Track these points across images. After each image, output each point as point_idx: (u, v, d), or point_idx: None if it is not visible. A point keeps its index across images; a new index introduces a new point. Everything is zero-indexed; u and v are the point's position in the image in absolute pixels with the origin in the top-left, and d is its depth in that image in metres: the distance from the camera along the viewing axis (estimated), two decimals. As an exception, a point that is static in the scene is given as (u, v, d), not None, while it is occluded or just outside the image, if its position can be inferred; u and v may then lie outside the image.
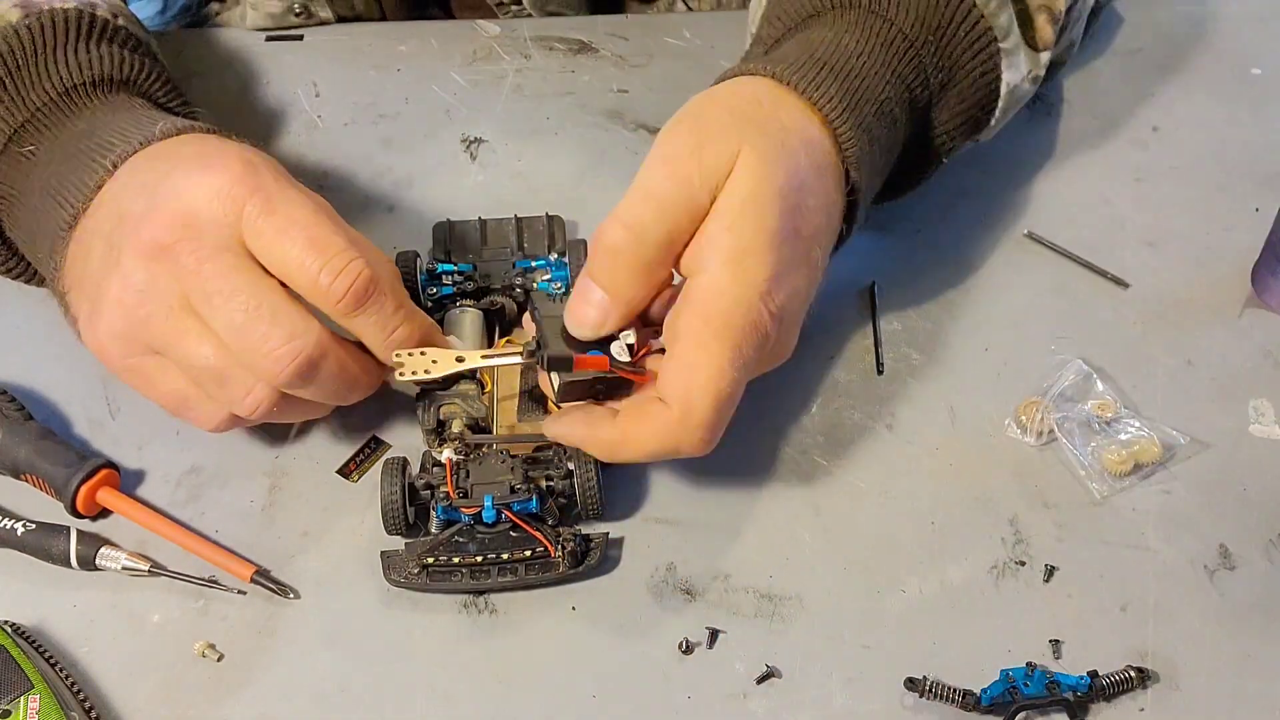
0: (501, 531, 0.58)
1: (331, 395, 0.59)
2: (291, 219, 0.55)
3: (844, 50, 0.61)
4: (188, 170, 0.56)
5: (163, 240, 0.54)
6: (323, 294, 0.55)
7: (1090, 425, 0.64)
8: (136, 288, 0.55)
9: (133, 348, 0.57)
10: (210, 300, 0.54)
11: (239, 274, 0.54)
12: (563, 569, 0.58)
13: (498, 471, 0.60)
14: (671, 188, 0.55)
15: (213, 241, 0.54)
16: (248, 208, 0.54)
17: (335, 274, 0.55)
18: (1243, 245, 0.72)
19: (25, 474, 0.61)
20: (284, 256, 0.55)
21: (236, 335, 0.54)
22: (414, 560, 0.58)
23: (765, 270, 0.54)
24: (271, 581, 0.58)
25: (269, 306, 0.54)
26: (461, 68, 0.82)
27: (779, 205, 0.55)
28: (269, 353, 0.54)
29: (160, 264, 0.55)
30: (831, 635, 0.58)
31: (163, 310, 0.55)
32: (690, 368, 0.54)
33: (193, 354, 0.55)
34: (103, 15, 0.66)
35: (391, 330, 0.57)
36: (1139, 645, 0.57)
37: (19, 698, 0.53)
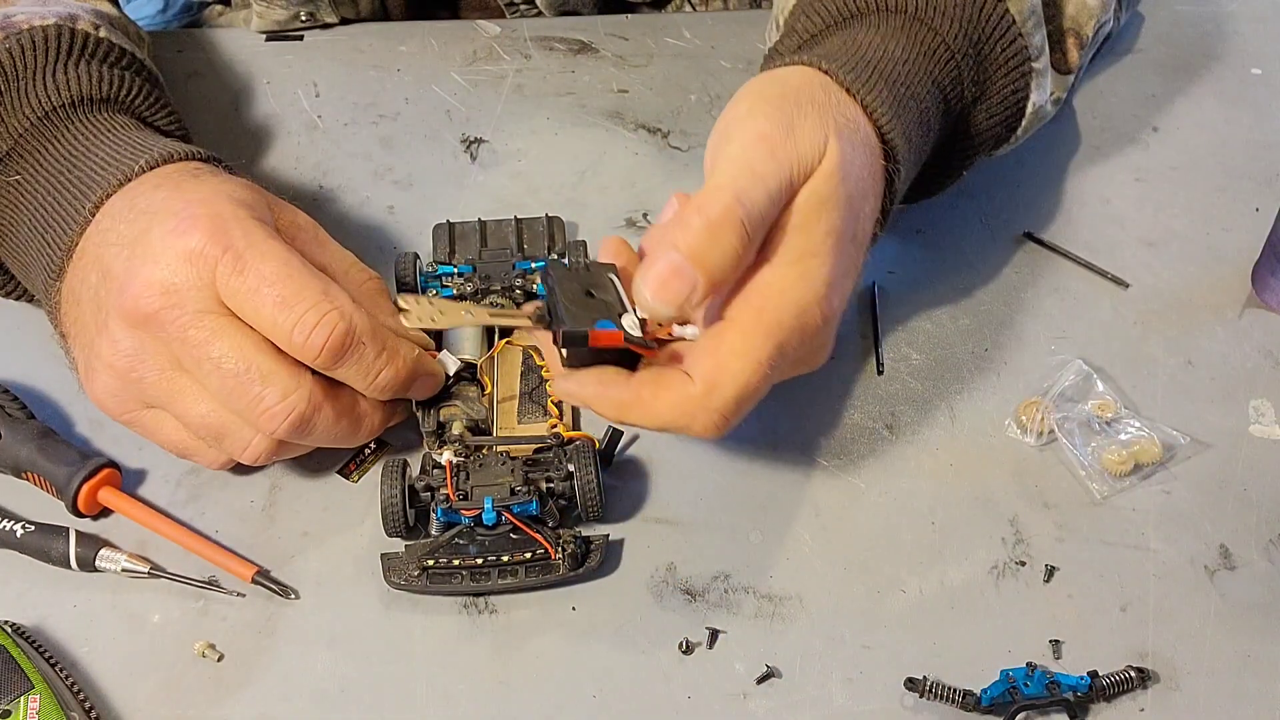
0: (502, 533, 0.58)
1: (333, 441, 0.59)
2: (262, 277, 0.55)
3: (891, 56, 0.60)
4: (161, 231, 0.55)
5: (145, 310, 0.55)
6: (299, 351, 0.55)
7: (1090, 425, 0.64)
8: (126, 352, 0.56)
9: (129, 404, 0.58)
10: (200, 365, 0.55)
11: (223, 338, 0.55)
12: (563, 571, 0.58)
13: (498, 473, 0.59)
14: (774, 168, 0.53)
15: (193, 306, 0.55)
16: (219, 269, 0.54)
17: (309, 331, 0.55)
18: (1243, 245, 0.72)
19: (26, 472, 0.61)
20: (258, 317, 0.55)
21: (229, 398, 0.55)
22: (414, 562, 0.58)
23: (825, 273, 0.54)
24: (272, 582, 0.58)
25: (257, 367, 0.55)
26: (461, 68, 0.82)
27: (847, 210, 0.55)
28: (263, 412, 0.55)
29: (146, 331, 0.55)
30: (831, 635, 0.58)
31: (154, 373, 0.56)
32: (730, 352, 0.53)
33: (189, 412, 0.57)
34: (83, 29, 0.64)
35: (374, 377, 0.57)
36: (1139, 645, 0.57)
37: (19, 698, 0.53)
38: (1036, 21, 0.65)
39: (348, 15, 0.84)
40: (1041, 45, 0.65)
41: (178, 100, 0.78)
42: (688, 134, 0.79)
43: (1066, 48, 0.68)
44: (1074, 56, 0.68)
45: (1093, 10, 0.69)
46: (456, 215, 0.71)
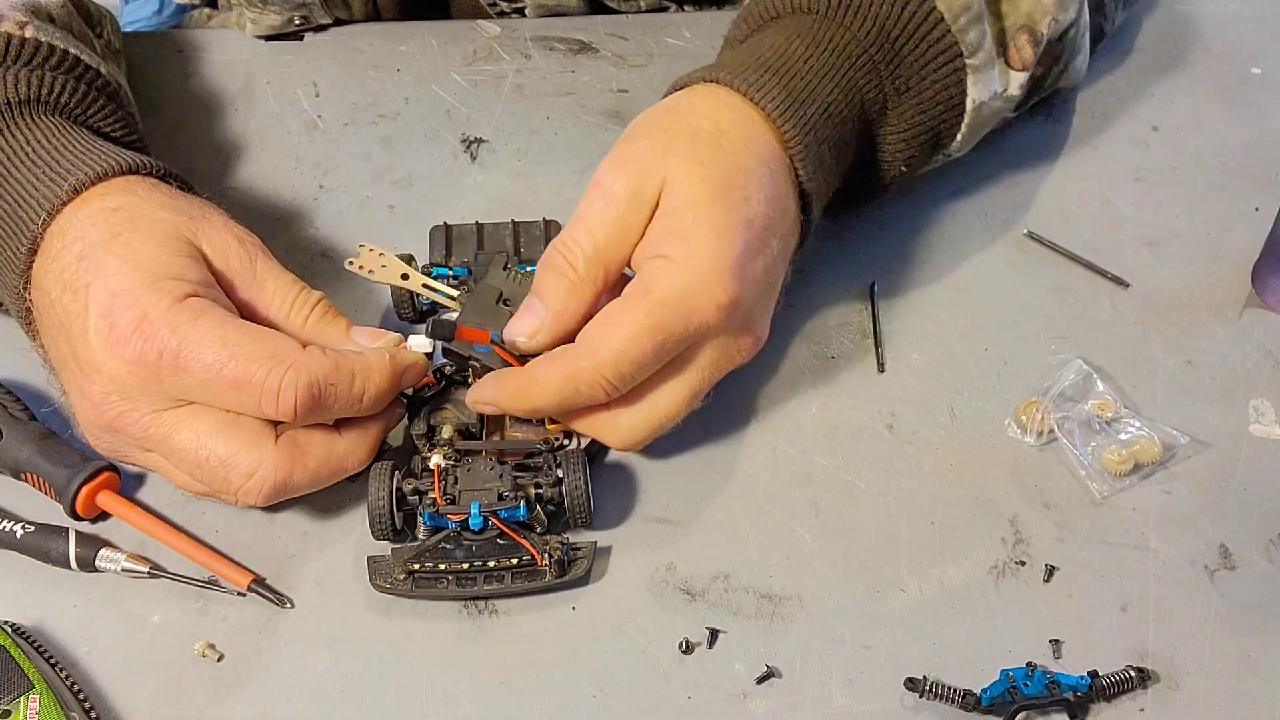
0: (489, 539, 0.58)
1: (324, 484, 0.60)
2: (205, 367, 0.55)
3: (790, 55, 0.63)
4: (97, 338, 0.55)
5: (106, 418, 0.56)
6: (275, 418, 0.56)
7: (1090, 425, 0.64)
8: (100, 432, 0.58)
9: (119, 453, 0.60)
10: (169, 457, 0.57)
11: (182, 430, 0.56)
12: (549, 578, 0.58)
13: (486, 478, 0.59)
14: (600, 208, 0.58)
15: (148, 408, 0.56)
16: (161, 374, 0.55)
17: (274, 399, 0.55)
18: (1243, 245, 0.72)
19: (26, 474, 0.61)
20: (219, 401, 0.56)
21: (203, 481, 0.57)
22: (400, 566, 0.57)
23: (712, 258, 0.56)
24: (268, 590, 0.58)
25: (217, 455, 0.56)
26: (461, 68, 0.82)
27: (721, 200, 0.57)
28: (235, 491, 0.56)
29: (111, 432, 0.57)
30: (831, 635, 0.58)
31: (135, 452, 0.59)
32: (611, 321, 0.57)
33: (175, 479, 0.59)
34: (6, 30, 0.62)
35: (359, 403, 0.58)
36: (1139, 645, 0.57)
37: (19, 698, 0.53)
38: (971, 19, 0.65)
39: (341, 16, 0.84)
40: (978, 42, 0.65)
41: (177, 101, 0.79)
42: (688, 134, 0.78)
43: (1019, 45, 0.68)
44: (1027, 53, 0.68)
45: (1047, 8, 0.68)
46: (457, 215, 0.71)
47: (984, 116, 0.68)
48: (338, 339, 0.60)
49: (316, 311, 0.61)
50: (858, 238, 0.73)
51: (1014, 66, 0.68)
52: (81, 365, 0.56)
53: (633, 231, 0.58)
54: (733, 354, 0.60)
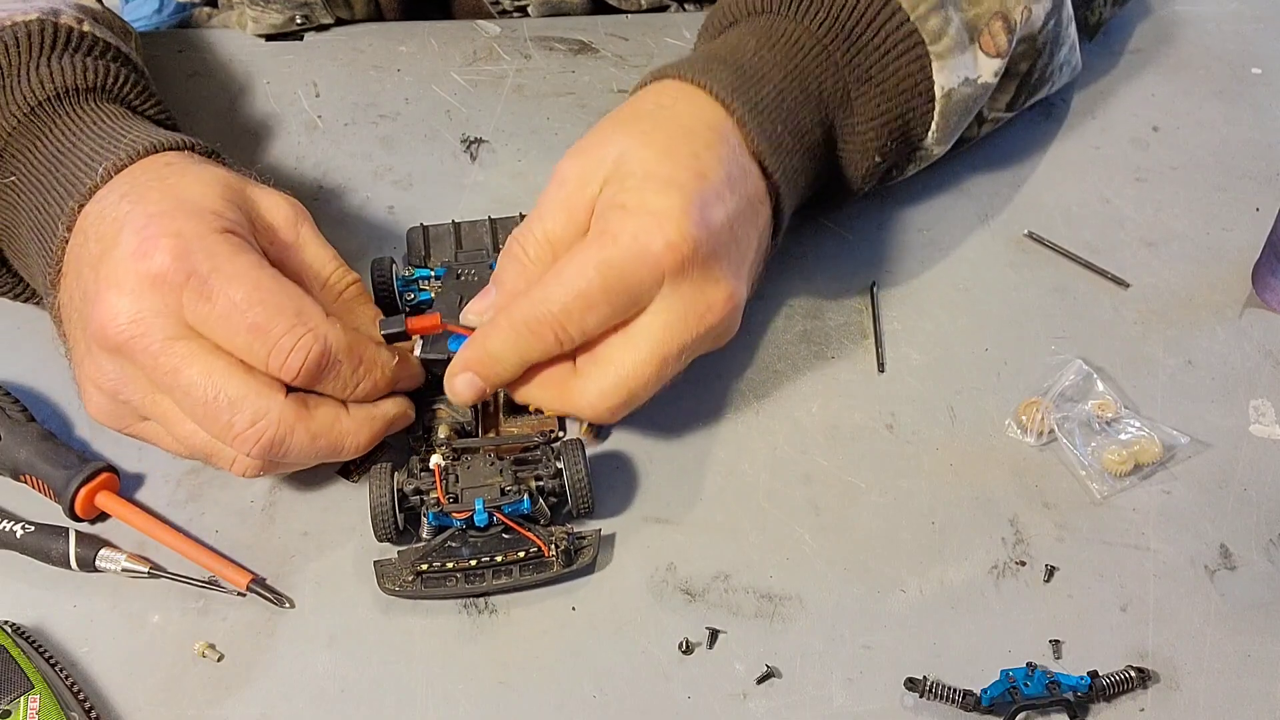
0: (494, 534, 0.58)
1: (315, 460, 0.59)
2: (231, 303, 0.54)
3: (741, 48, 0.64)
4: (123, 253, 0.55)
5: (114, 339, 0.55)
6: (275, 374, 0.55)
7: (1090, 425, 0.64)
8: (109, 375, 0.56)
9: (125, 419, 0.59)
10: (173, 391, 0.55)
11: (192, 364, 0.55)
12: (557, 568, 0.58)
13: (487, 474, 0.59)
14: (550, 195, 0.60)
15: (161, 334, 0.55)
16: (184, 296, 0.54)
17: (284, 356, 0.55)
18: (1243, 245, 0.72)
19: (25, 475, 0.61)
20: (230, 344, 0.55)
21: (203, 422, 0.56)
22: (408, 568, 0.58)
23: (664, 201, 0.57)
24: (267, 590, 0.58)
25: (226, 394, 0.55)
26: (461, 68, 0.82)
27: (669, 157, 0.58)
28: (235, 436, 0.55)
29: (122, 358, 0.55)
30: (831, 635, 0.58)
31: (139, 395, 0.57)
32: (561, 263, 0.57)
33: (176, 431, 0.57)
34: (66, 23, 0.64)
35: (353, 389, 0.58)
36: (1139, 645, 0.57)
37: (19, 698, 0.53)
38: (931, 6, 0.65)
39: (343, 16, 0.84)
40: (940, 29, 0.65)
41: (177, 101, 0.79)
42: (688, 134, 0.78)
43: (993, 31, 0.68)
44: (1001, 40, 0.68)
45: None
46: (456, 215, 0.71)
47: (956, 104, 0.68)
48: (362, 324, 0.60)
49: (350, 290, 0.61)
50: (858, 238, 0.73)
51: (987, 53, 0.68)
52: (101, 285, 0.55)
53: (581, 212, 0.59)
54: (702, 310, 0.58)
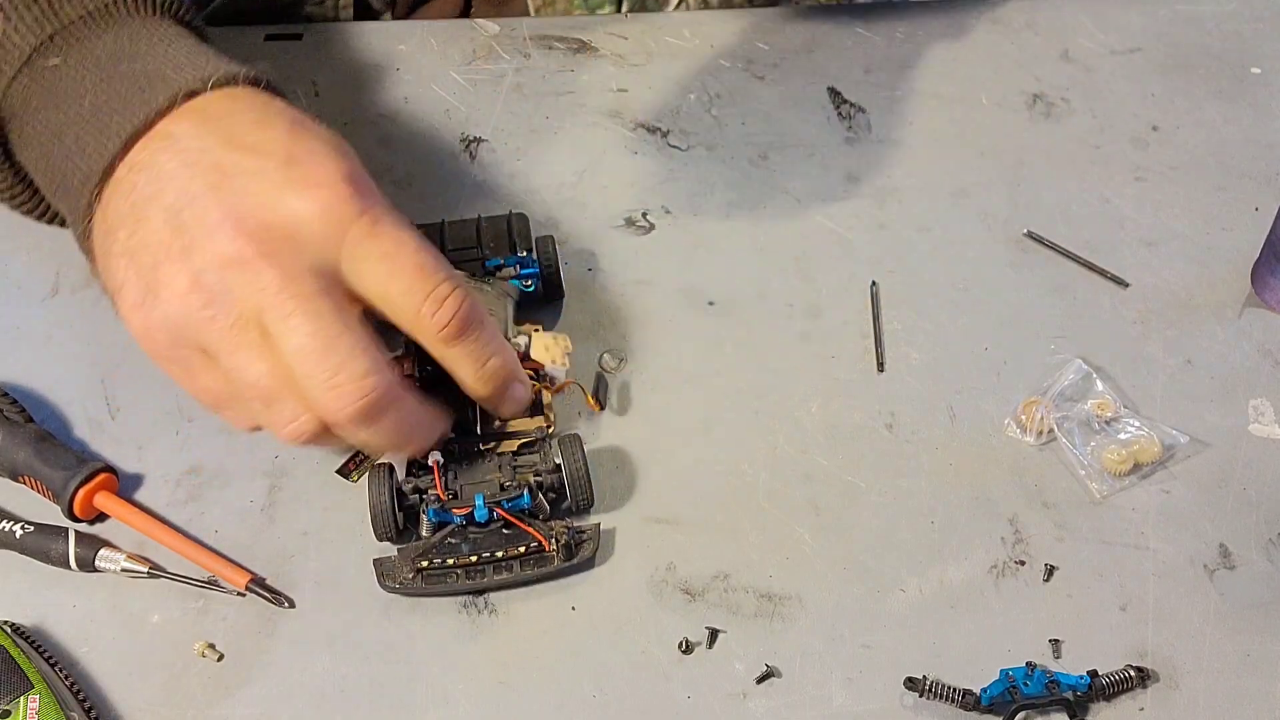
0: (494, 530, 0.58)
1: (386, 444, 0.56)
2: (398, 242, 0.52)
3: None
4: (287, 175, 0.52)
5: (248, 251, 0.51)
6: (425, 322, 0.53)
7: (1090, 425, 0.64)
8: (207, 288, 0.52)
9: (185, 341, 0.54)
10: (288, 320, 0.51)
11: (324, 299, 0.52)
12: (558, 563, 0.58)
13: (485, 470, 0.60)
14: None
15: (307, 261, 0.52)
16: (354, 229, 0.52)
17: (440, 302, 0.53)
18: (1243, 245, 0.72)
19: (24, 476, 0.61)
20: (387, 281, 0.52)
21: (306, 361, 0.51)
22: (408, 565, 0.58)
23: None
24: (267, 590, 0.58)
25: (348, 339, 0.52)
26: (461, 67, 0.82)
27: None
28: (336, 386, 0.51)
29: (240, 272, 0.51)
30: (831, 635, 0.58)
31: (229, 316, 0.52)
32: None
33: (246, 368, 0.52)
34: None
35: (486, 360, 0.56)
36: (1139, 645, 0.57)
37: (19, 698, 0.53)
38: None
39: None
40: None
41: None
42: (687, 133, 0.79)
43: None
44: None
45: None
46: (456, 215, 0.71)
47: None
48: None
49: None
50: (858, 238, 0.73)
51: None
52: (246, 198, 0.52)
53: None
54: None
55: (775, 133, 0.79)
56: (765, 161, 0.77)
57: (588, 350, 0.67)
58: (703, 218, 0.74)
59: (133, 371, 0.66)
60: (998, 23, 0.86)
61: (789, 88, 0.81)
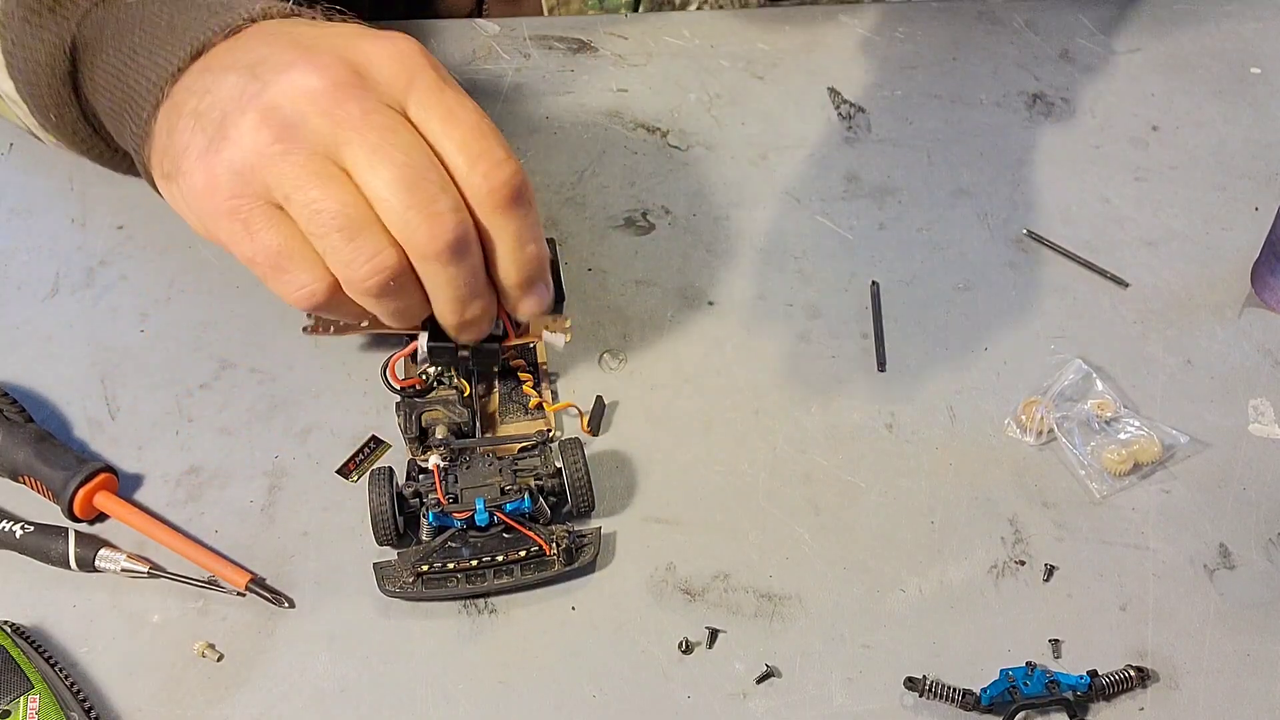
0: (494, 534, 0.58)
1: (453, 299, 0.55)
2: (461, 99, 0.53)
3: None
4: (357, 33, 0.53)
5: (324, 83, 0.51)
6: (479, 181, 0.53)
7: (1090, 425, 0.64)
8: (280, 121, 0.51)
9: (250, 187, 0.52)
10: (378, 150, 0.51)
11: (409, 132, 0.52)
12: (558, 567, 0.58)
13: (486, 474, 0.59)
14: None
15: (382, 96, 0.52)
16: (421, 78, 0.52)
17: (496, 163, 0.53)
18: (1243, 245, 0.72)
19: (24, 476, 0.61)
20: (448, 134, 0.52)
21: (404, 188, 0.51)
22: (408, 569, 0.57)
23: None
24: (267, 590, 0.58)
25: (438, 171, 0.52)
26: (461, 67, 0.82)
27: None
28: (435, 213, 0.51)
29: (316, 105, 0.51)
30: (831, 635, 0.58)
31: (305, 150, 0.51)
32: None
33: (324, 202, 0.51)
34: None
35: (527, 243, 0.55)
36: (1139, 645, 0.57)
37: (19, 698, 0.53)
38: None
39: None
40: None
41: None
42: (687, 133, 0.79)
43: None
44: None
45: None
46: (456, 215, 0.71)
47: None
48: None
49: None
50: (858, 238, 0.73)
51: None
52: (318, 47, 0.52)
53: None
54: None
55: (775, 133, 0.79)
56: (765, 161, 0.77)
57: (588, 350, 0.67)
58: (703, 218, 0.74)
59: (133, 371, 0.66)
60: (998, 23, 0.86)
61: (789, 88, 0.81)
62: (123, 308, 0.69)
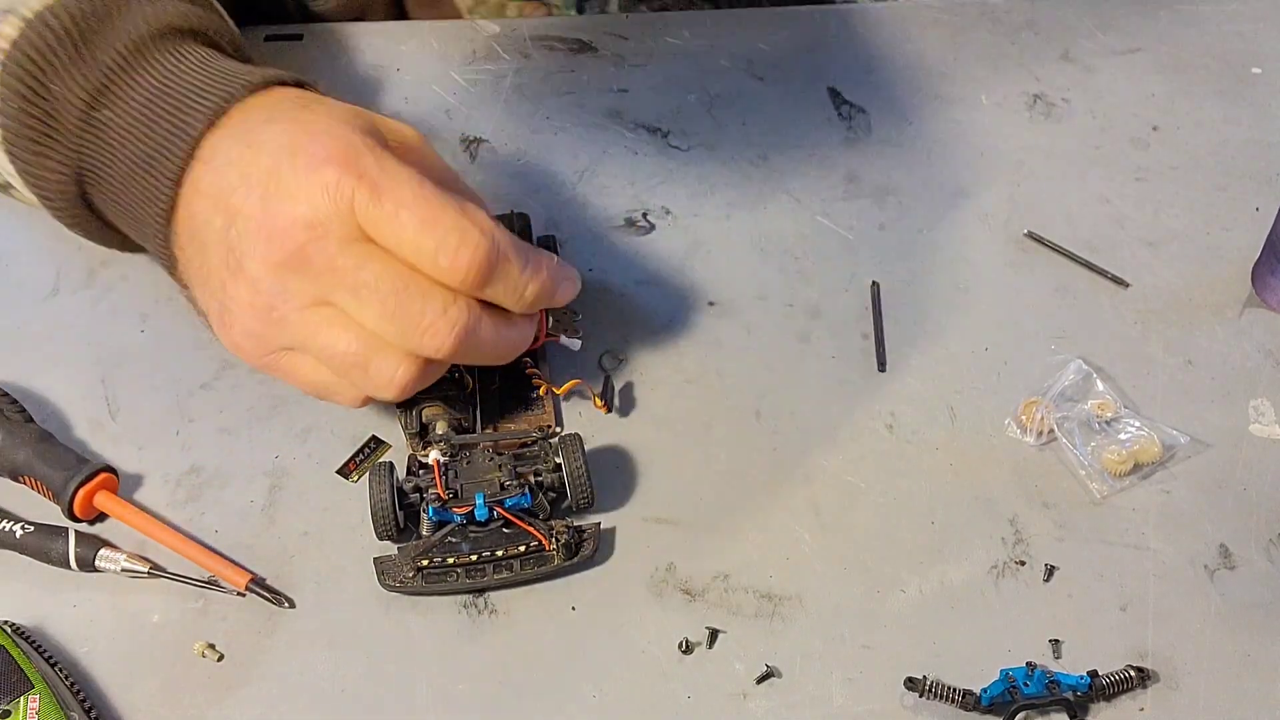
0: (494, 529, 0.58)
1: (490, 358, 0.58)
2: (399, 202, 0.53)
3: None
4: (293, 167, 0.54)
5: (289, 247, 0.53)
6: (448, 275, 0.54)
7: (1090, 425, 0.64)
8: (266, 293, 0.54)
9: (268, 347, 0.56)
10: (354, 292, 0.54)
11: (376, 261, 0.53)
12: (558, 561, 0.58)
13: (486, 469, 0.60)
14: None
15: (339, 236, 0.53)
16: (356, 199, 0.53)
17: (453, 253, 0.53)
18: (1243, 245, 0.72)
19: (24, 476, 0.61)
20: (400, 242, 0.53)
21: (391, 319, 0.54)
22: (408, 564, 0.58)
23: None
24: (267, 590, 0.58)
25: (415, 285, 0.53)
26: (461, 68, 0.82)
27: None
28: (426, 328, 0.54)
29: (289, 269, 0.54)
30: (831, 635, 0.58)
31: (297, 310, 0.55)
32: None
33: (333, 346, 0.55)
34: None
35: (521, 293, 0.56)
36: (1139, 645, 0.57)
37: (19, 698, 0.53)
38: None
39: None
40: None
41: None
42: (687, 133, 0.79)
43: None
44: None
45: None
46: (456, 215, 0.71)
47: None
48: None
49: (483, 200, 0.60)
50: (858, 238, 0.73)
51: None
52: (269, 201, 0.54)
53: None
54: None
55: (775, 133, 0.79)
56: (765, 161, 0.77)
57: (588, 350, 0.67)
58: (703, 218, 0.74)
59: (133, 371, 0.66)
60: (998, 23, 0.86)
61: (789, 88, 0.81)
62: (123, 308, 0.69)
